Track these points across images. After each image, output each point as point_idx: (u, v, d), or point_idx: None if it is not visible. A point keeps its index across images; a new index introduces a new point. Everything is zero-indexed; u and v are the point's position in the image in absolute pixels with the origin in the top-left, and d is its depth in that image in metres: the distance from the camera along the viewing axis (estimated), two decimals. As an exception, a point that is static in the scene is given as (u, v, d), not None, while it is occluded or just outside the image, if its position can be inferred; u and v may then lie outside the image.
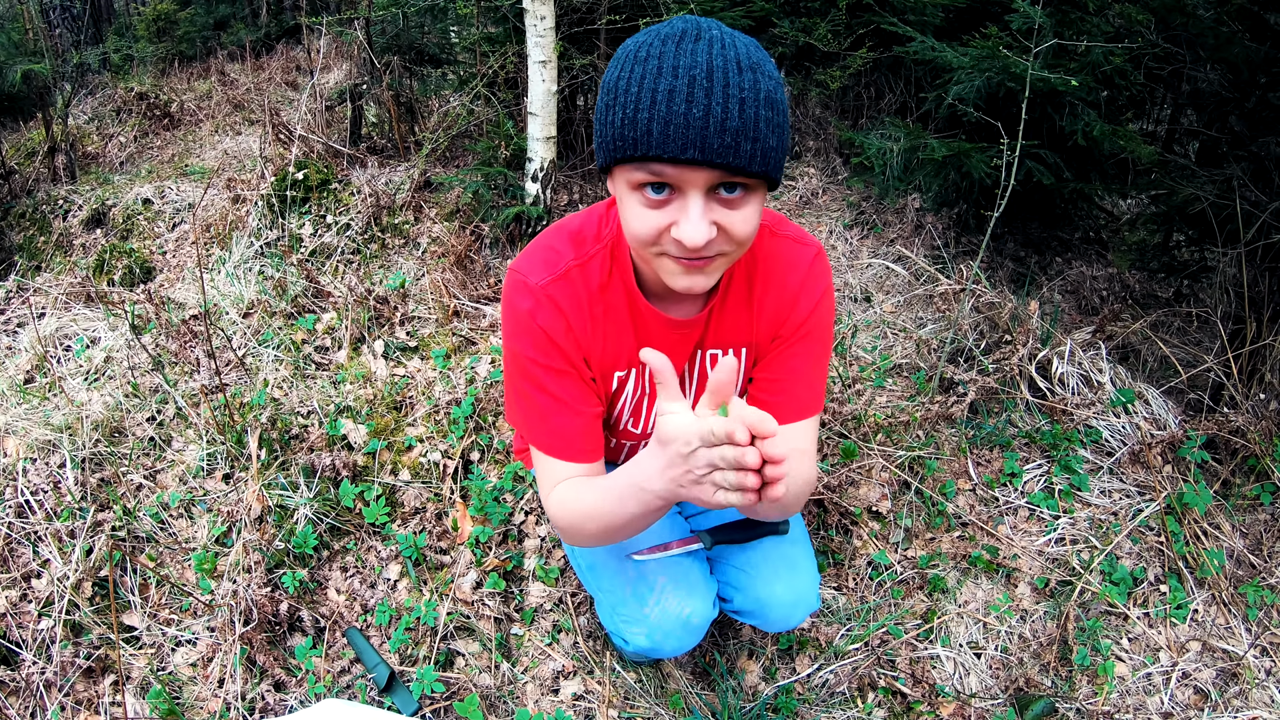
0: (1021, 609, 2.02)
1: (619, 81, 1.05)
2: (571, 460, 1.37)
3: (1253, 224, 2.41)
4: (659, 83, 1.01)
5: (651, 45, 1.04)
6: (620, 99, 1.04)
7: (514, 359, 1.36)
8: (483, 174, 3.28)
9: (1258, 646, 1.95)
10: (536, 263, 1.32)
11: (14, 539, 2.04)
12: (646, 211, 1.09)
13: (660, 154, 1.01)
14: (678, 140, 1.00)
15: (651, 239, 1.11)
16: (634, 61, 1.04)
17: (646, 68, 1.02)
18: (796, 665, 1.91)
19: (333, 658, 1.88)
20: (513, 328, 1.33)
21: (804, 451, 1.39)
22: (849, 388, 2.58)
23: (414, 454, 2.29)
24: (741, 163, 1.02)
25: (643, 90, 1.02)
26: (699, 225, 1.06)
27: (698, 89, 0.99)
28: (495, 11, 3.61)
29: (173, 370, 2.61)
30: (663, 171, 1.04)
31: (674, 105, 1.00)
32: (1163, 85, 3.12)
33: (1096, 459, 2.30)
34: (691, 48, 1.02)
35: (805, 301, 1.38)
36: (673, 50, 1.02)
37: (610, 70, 1.09)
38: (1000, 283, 3.14)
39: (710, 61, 1.01)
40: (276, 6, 8.98)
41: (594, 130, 1.12)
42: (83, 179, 4.87)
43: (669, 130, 1.00)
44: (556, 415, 1.35)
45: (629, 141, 1.03)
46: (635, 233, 1.12)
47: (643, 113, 1.01)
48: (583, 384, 1.36)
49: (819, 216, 3.88)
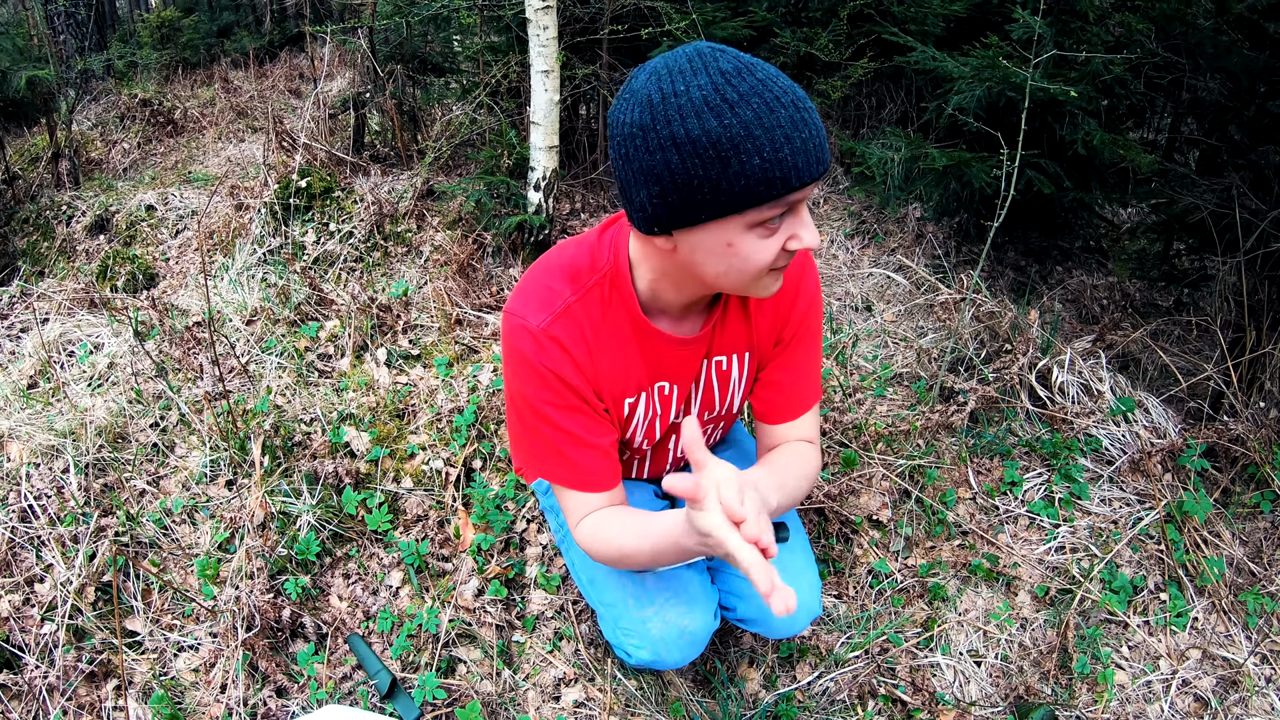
0: (1021, 617, 2.03)
1: (721, 136, 1.01)
2: (594, 491, 1.38)
3: (1252, 232, 2.42)
4: (779, 115, 1.01)
5: (722, 88, 1.01)
6: (745, 146, 1.01)
7: (524, 401, 1.34)
8: (485, 183, 3.29)
9: (1258, 654, 1.95)
10: (533, 304, 1.30)
11: (17, 543, 2.05)
12: (767, 244, 1.11)
13: (801, 181, 1.04)
14: (814, 161, 1.04)
15: (772, 264, 1.13)
16: (722, 109, 1.01)
17: (750, 110, 1.01)
18: (797, 673, 1.91)
19: (335, 664, 1.88)
20: (518, 371, 1.32)
21: (811, 441, 1.49)
22: (850, 397, 2.59)
23: (416, 461, 2.29)
24: (827, 161, 1.06)
25: (769, 129, 1.01)
26: (813, 227, 1.12)
27: (802, 110, 1.03)
28: (498, 21, 3.63)
29: (176, 377, 2.62)
30: (794, 199, 1.07)
31: (801, 132, 1.02)
32: (1163, 94, 3.13)
33: (1096, 467, 2.31)
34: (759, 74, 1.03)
35: (801, 301, 1.43)
36: (751, 82, 1.02)
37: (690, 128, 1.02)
38: (1001, 292, 3.15)
39: (780, 81, 1.04)
40: (280, 14, 9.02)
41: (689, 192, 1.05)
42: (86, 185, 4.89)
43: (810, 153, 1.03)
44: (574, 451, 1.35)
45: (777, 181, 1.03)
46: (758, 266, 1.13)
47: (783, 150, 1.01)
48: (596, 417, 1.36)
49: (820, 225, 3.89)
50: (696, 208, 1.06)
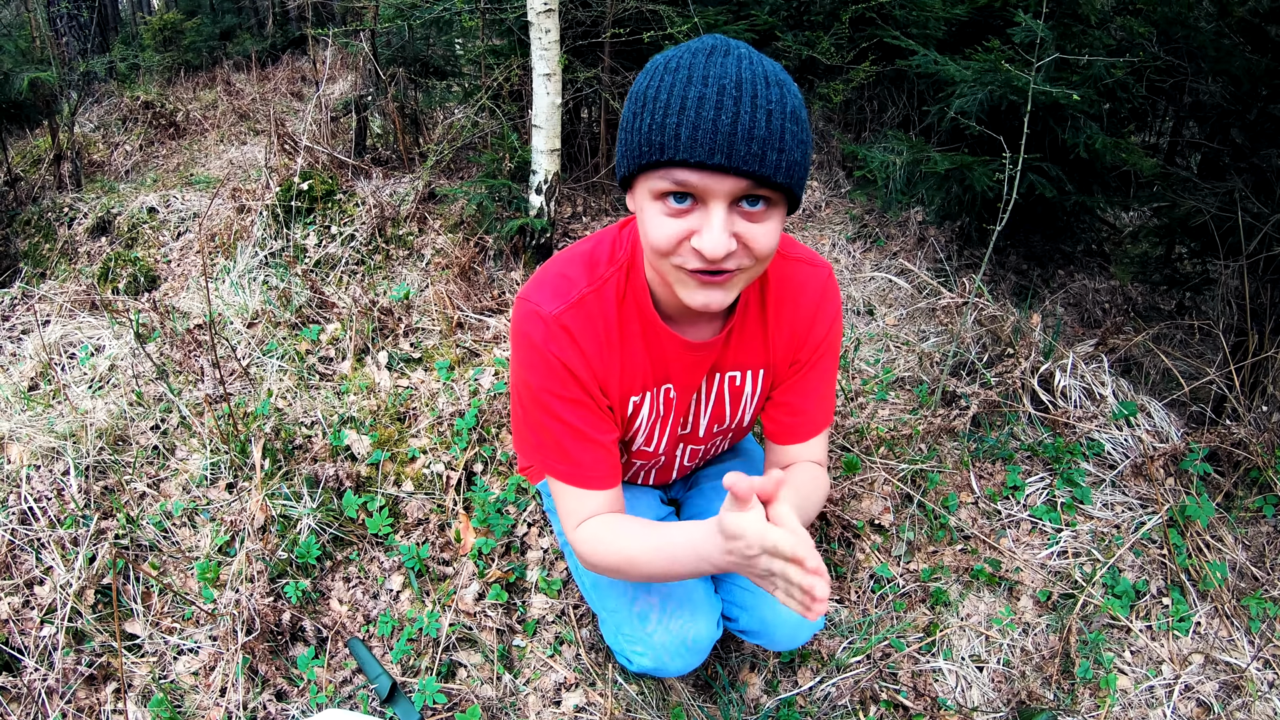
0: (1024, 622, 2.02)
1: (648, 90, 1.06)
2: (593, 488, 1.36)
3: (1254, 236, 2.42)
4: (689, 90, 1.02)
5: (682, 58, 1.05)
6: (649, 106, 1.04)
7: (527, 390, 1.34)
8: (487, 186, 3.29)
9: (1260, 659, 1.95)
10: (548, 291, 1.30)
11: (17, 545, 2.05)
12: (667, 220, 1.08)
13: (687, 159, 1.01)
14: (705, 145, 1.00)
15: (670, 248, 1.10)
16: (664, 71, 1.05)
17: (676, 77, 1.03)
18: (798, 678, 1.90)
19: (335, 668, 1.88)
20: (526, 358, 1.31)
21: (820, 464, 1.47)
22: (852, 401, 2.58)
23: (417, 465, 2.29)
24: (767, 172, 1.02)
25: (672, 97, 1.02)
26: (720, 235, 1.05)
27: (727, 97, 1.00)
28: (500, 24, 3.63)
29: (177, 379, 2.62)
30: (687, 180, 1.04)
31: (703, 111, 1.00)
32: (1164, 98, 3.13)
33: (1099, 472, 2.30)
34: (721, 60, 1.03)
35: (820, 325, 1.40)
36: (703, 61, 1.03)
37: (639, 81, 1.10)
38: (1003, 296, 3.14)
39: (739, 73, 1.02)
40: (282, 17, 9.03)
41: (618, 139, 1.13)
42: (88, 187, 4.89)
43: (697, 135, 1.00)
44: (575, 445, 1.34)
45: (656, 146, 1.03)
46: (654, 242, 1.11)
47: (671, 118, 1.02)
48: (599, 412, 1.35)
49: (822, 229, 3.89)
50: (621, 156, 1.13)
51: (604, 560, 1.33)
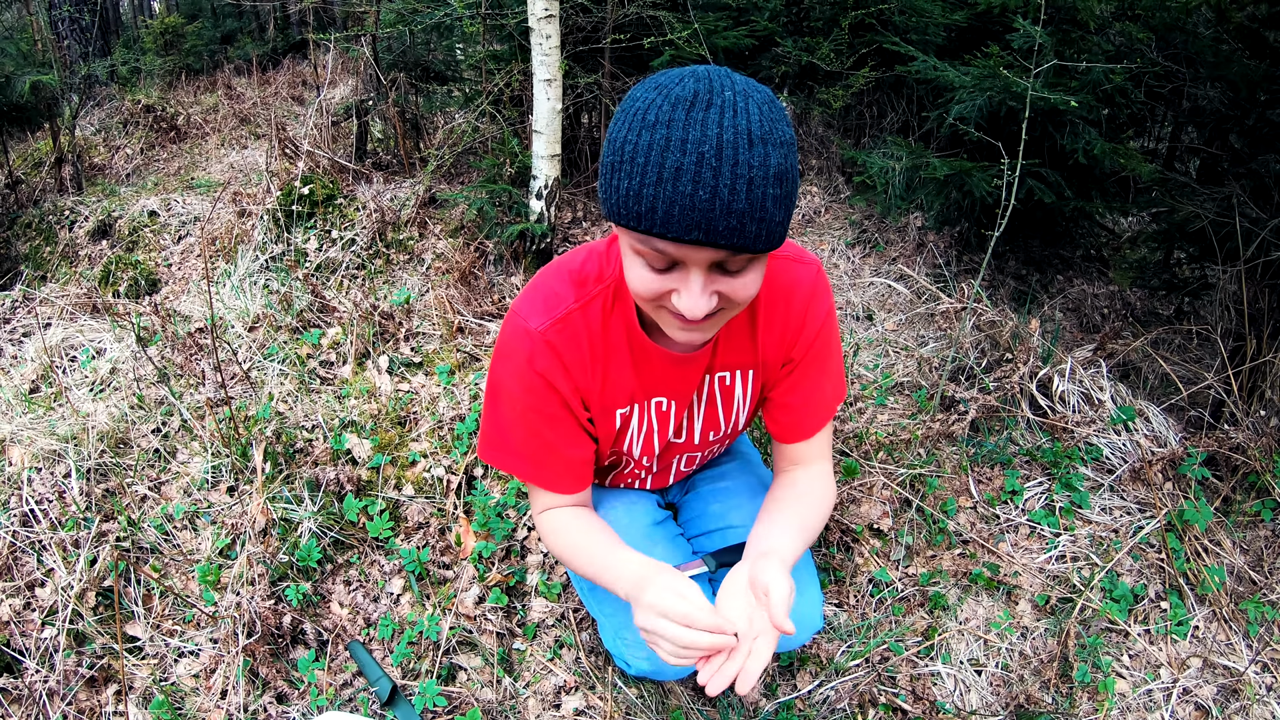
0: (1022, 626, 2.02)
1: (625, 145, 0.99)
2: (559, 493, 1.45)
3: (1253, 241, 2.43)
4: (666, 158, 0.95)
5: (661, 109, 0.97)
6: (626, 167, 0.99)
7: (507, 399, 1.37)
8: (487, 191, 3.30)
9: (1258, 663, 1.95)
10: (538, 305, 1.31)
11: (18, 547, 2.05)
12: (648, 274, 1.07)
13: (664, 233, 0.98)
14: (683, 222, 0.96)
15: (651, 299, 1.10)
16: (642, 126, 0.98)
17: (654, 137, 0.96)
18: (797, 681, 1.91)
19: (335, 671, 1.88)
20: (509, 370, 1.34)
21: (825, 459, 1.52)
22: (850, 406, 2.59)
23: (418, 469, 2.30)
24: (745, 243, 0.99)
25: (649, 163, 0.96)
26: (698, 300, 1.04)
27: (705, 169, 0.94)
28: (501, 30, 3.64)
29: (178, 382, 2.62)
30: (665, 250, 1.01)
31: (680, 185, 0.95)
32: (1163, 103, 3.14)
33: (1097, 476, 2.31)
34: (702, 117, 0.95)
35: (812, 322, 1.39)
36: (682, 119, 0.96)
37: (617, 127, 1.02)
38: (1001, 301, 3.15)
39: (720, 136, 0.95)
40: (283, 22, 9.06)
41: (599, 181, 1.07)
42: (89, 190, 4.90)
43: (674, 211, 0.96)
44: (545, 457, 1.40)
45: (633, 215, 0.99)
46: (637, 291, 1.11)
47: (648, 189, 0.97)
48: (574, 427, 1.38)
49: (821, 235, 3.90)
50: (602, 199, 1.07)
51: (555, 547, 1.46)
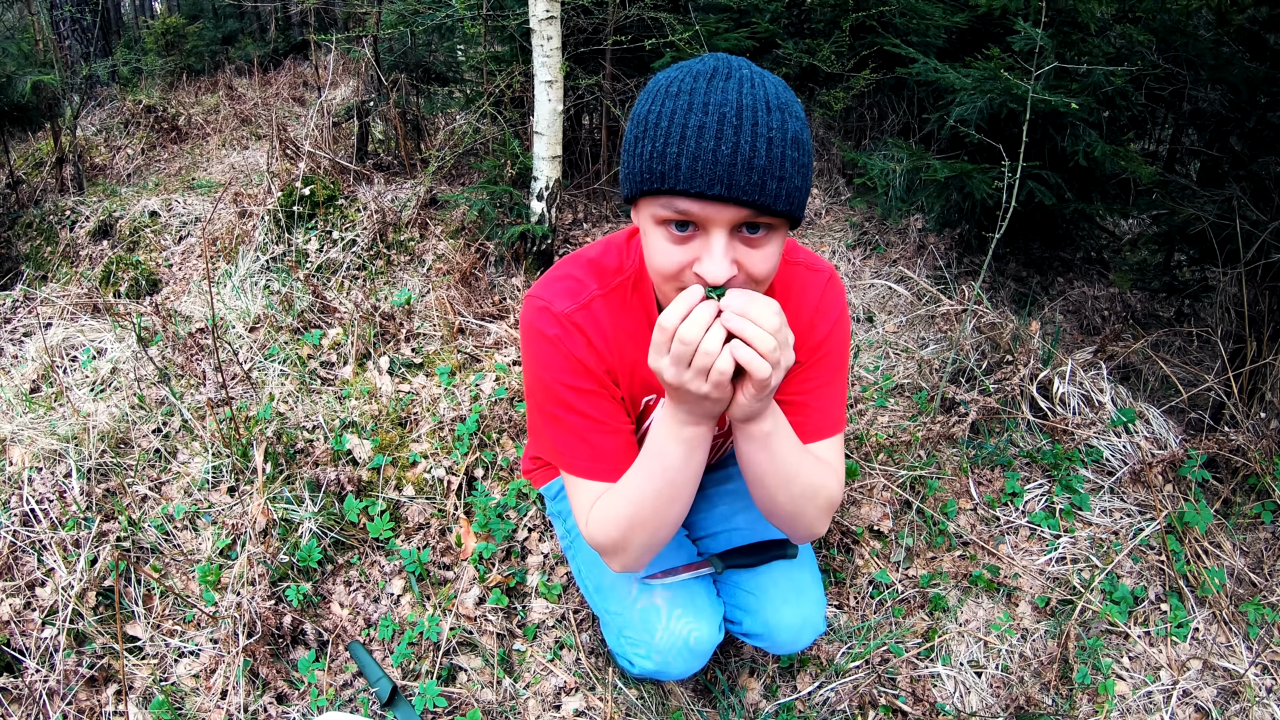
0: (1022, 628, 2.03)
1: (649, 115, 1.06)
2: (611, 480, 1.35)
3: (1253, 243, 2.43)
4: (689, 118, 1.01)
5: (683, 81, 1.05)
6: (650, 132, 1.04)
7: (541, 385, 1.34)
8: (488, 192, 3.30)
9: (1258, 665, 1.95)
10: (559, 290, 1.32)
11: (19, 547, 2.05)
12: (670, 246, 1.09)
13: (687, 189, 1.01)
14: (705, 176, 1.00)
15: (673, 274, 1.11)
16: (665, 96, 1.05)
17: (677, 103, 1.03)
18: (797, 683, 1.91)
19: (335, 671, 1.88)
20: (540, 353, 1.32)
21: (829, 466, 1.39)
22: (851, 407, 2.59)
23: (418, 470, 2.30)
24: (767, 201, 1.02)
25: (673, 125, 1.02)
26: (721, 263, 1.06)
27: (727, 126, 1.00)
28: (502, 31, 3.64)
29: (179, 383, 2.62)
30: (688, 209, 1.04)
31: (703, 141, 1.00)
32: (1164, 105, 3.15)
33: (1097, 478, 2.31)
34: (722, 85, 1.03)
35: (821, 325, 1.40)
36: (704, 87, 1.03)
37: (640, 103, 1.09)
38: (1002, 303, 3.15)
39: (740, 100, 1.01)
40: (285, 23, 9.06)
41: (621, 160, 1.12)
42: (90, 190, 4.90)
43: (697, 166, 1.01)
44: (593, 434, 1.35)
45: (656, 175, 1.04)
46: (657, 267, 1.12)
47: (671, 147, 1.02)
48: (613, 402, 1.37)
49: (822, 237, 3.90)
50: (624, 177, 1.13)
51: (615, 523, 1.31)
